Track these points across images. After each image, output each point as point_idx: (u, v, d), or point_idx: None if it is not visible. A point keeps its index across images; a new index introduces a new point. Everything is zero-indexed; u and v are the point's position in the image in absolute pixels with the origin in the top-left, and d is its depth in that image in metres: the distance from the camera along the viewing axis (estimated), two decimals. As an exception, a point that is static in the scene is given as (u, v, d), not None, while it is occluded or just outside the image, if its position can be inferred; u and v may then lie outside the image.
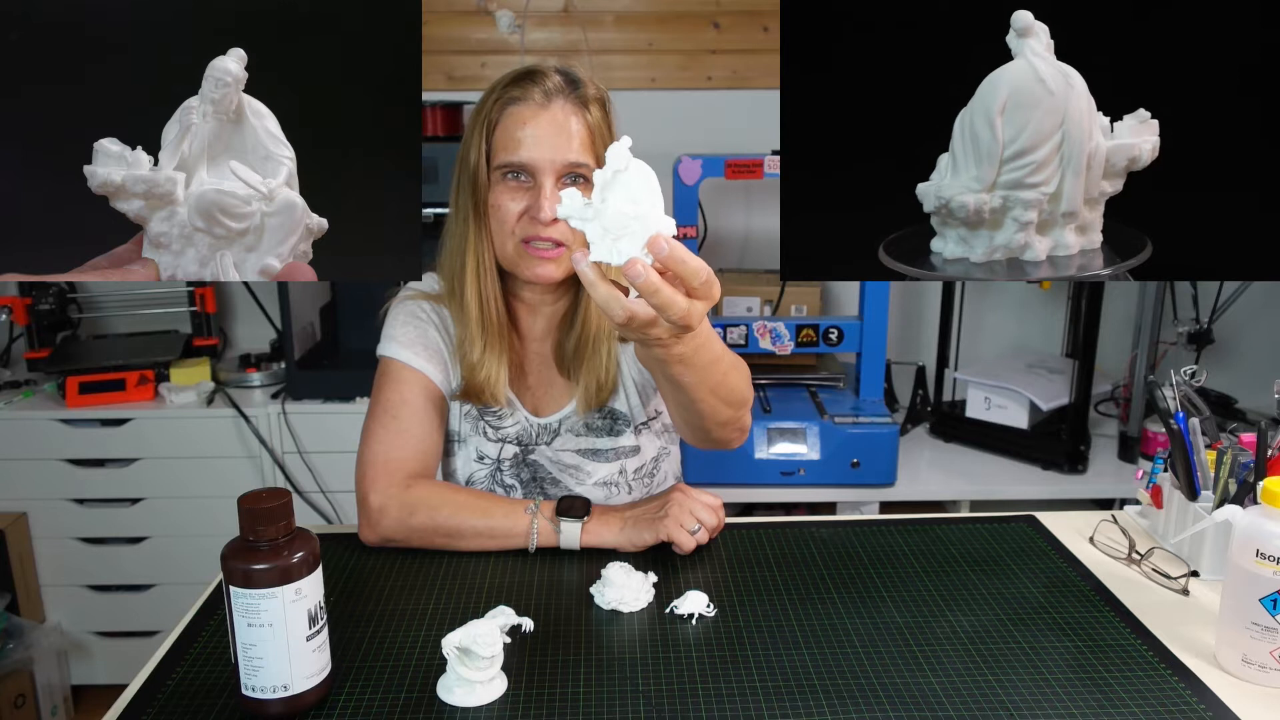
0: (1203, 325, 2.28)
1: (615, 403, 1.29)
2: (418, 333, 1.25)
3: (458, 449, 1.29)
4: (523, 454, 1.29)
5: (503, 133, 1.16)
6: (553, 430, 1.29)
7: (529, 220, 1.16)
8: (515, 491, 1.29)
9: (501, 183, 1.17)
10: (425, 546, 1.16)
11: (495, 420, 1.28)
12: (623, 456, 1.30)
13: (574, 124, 1.15)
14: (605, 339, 1.25)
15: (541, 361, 1.30)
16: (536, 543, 1.14)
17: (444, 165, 2.00)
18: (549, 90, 1.15)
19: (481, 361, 1.23)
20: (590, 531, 1.13)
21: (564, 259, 1.18)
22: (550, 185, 1.14)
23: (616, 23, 2.42)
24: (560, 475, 1.29)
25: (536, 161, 1.14)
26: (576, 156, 1.15)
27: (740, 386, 1.12)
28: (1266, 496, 0.91)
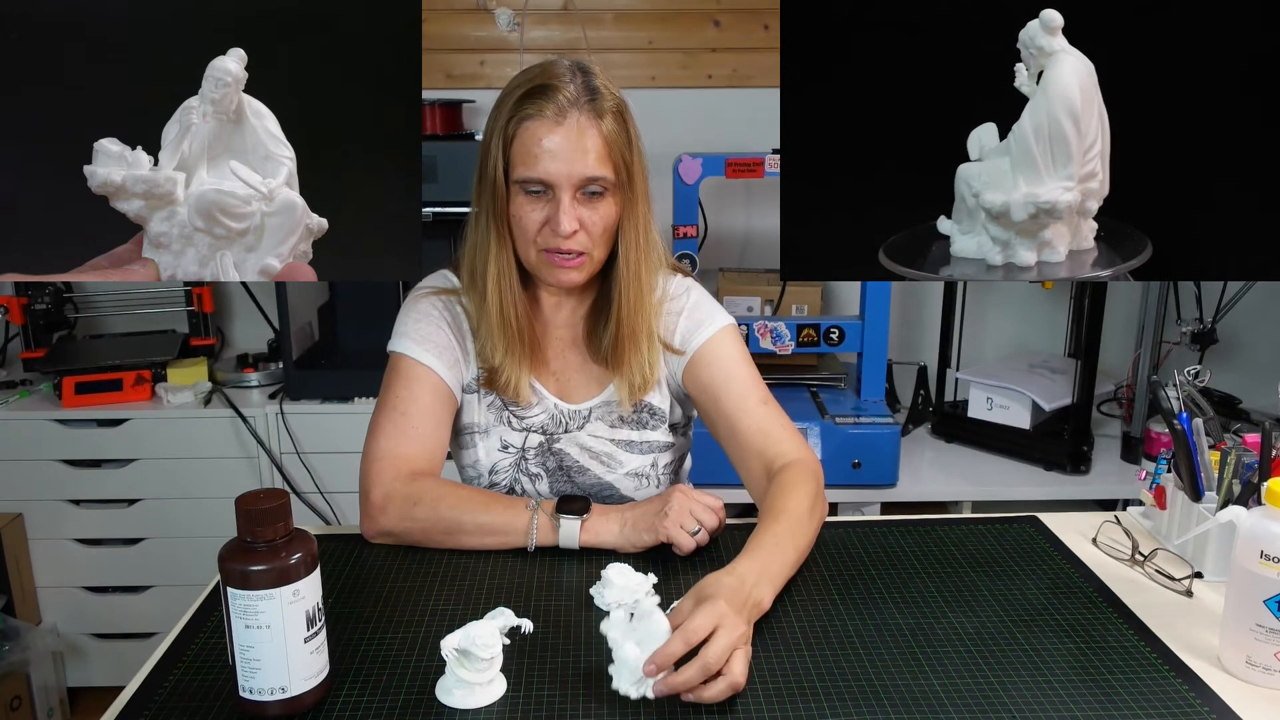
0: (1206, 325, 2.27)
1: (652, 398, 1.30)
2: (429, 330, 1.25)
3: (479, 440, 1.29)
4: (547, 443, 1.29)
5: (520, 147, 1.15)
6: (584, 416, 1.29)
7: (549, 232, 1.16)
8: (540, 480, 1.29)
9: (521, 195, 1.17)
10: (425, 543, 1.16)
11: (520, 410, 1.28)
12: (655, 450, 1.31)
13: (590, 137, 1.14)
14: (644, 333, 1.26)
15: (565, 346, 1.30)
16: (536, 540, 1.13)
17: (444, 164, 2.00)
18: (563, 105, 1.13)
19: (504, 366, 1.23)
20: (589, 530, 1.13)
21: (584, 265, 1.19)
22: (568, 199, 1.14)
23: (616, 21, 2.42)
24: (589, 463, 1.29)
25: (554, 176, 1.14)
26: (593, 170, 1.14)
27: (818, 525, 1.15)
28: (1271, 497, 0.90)
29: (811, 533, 1.12)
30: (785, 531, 1.07)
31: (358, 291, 2.32)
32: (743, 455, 1.24)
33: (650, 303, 1.26)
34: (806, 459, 1.20)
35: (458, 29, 2.41)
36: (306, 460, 2.13)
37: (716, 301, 1.33)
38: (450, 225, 1.99)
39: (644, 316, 1.24)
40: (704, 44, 2.43)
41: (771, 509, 1.11)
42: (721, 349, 1.27)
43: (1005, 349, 2.58)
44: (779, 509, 1.10)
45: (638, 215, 1.20)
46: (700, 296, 1.32)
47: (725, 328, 1.29)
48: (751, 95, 2.44)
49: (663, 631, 0.87)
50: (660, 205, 1.32)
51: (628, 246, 1.21)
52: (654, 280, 1.26)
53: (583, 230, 1.16)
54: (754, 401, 1.25)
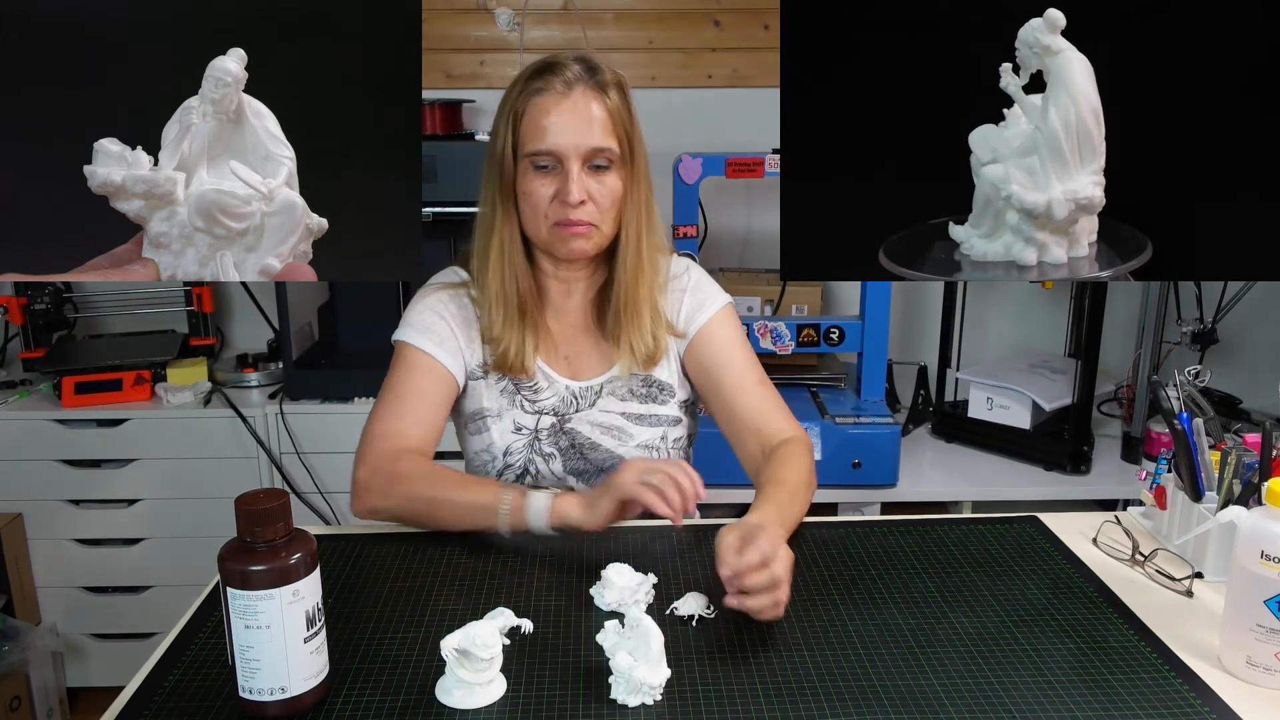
0: (1207, 325, 2.27)
1: (660, 373, 1.33)
2: (430, 320, 1.29)
3: (493, 423, 1.31)
4: (560, 423, 1.31)
5: (529, 122, 1.20)
6: (595, 392, 1.32)
7: (559, 204, 1.21)
8: (554, 460, 1.31)
9: (530, 170, 1.21)
10: (407, 520, 1.20)
11: (532, 393, 1.31)
12: (665, 424, 1.33)
13: (595, 109, 1.20)
14: (647, 304, 1.30)
15: (575, 332, 1.34)
16: (509, 521, 1.14)
17: (444, 164, 2.00)
18: (569, 79, 1.20)
19: (502, 335, 1.27)
20: (556, 511, 1.13)
21: (594, 235, 1.23)
22: (576, 169, 1.20)
23: (616, 20, 2.42)
24: (600, 439, 1.31)
25: (562, 148, 1.19)
26: (599, 141, 1.20)
27: (811, 497, 1.23)
28: (1271, 498, 0.90)
29: (807, 502, 1.21)
30: (788, 498, 1.16)
31: (358, 291, 2.32)
32: (739, 433, 1.31)
33: (651, 275, 1.30)
34: (801, 436, 1.29)
35: (458, 29, 2.41)
36: (306, 460, 2.13)
37: (714, 280, 1.38)
38: (450, 225, 1.99)
39: (645, 287, 1.29)
40: (704, 44, 2.43)
41: (774, 478, 1.19)
42: (722, 330, 1.34)
43: (1005, 349, 2.58)
44: (780, 478, 1.18)
45: (640, 193, 1.26)
46: (700, 276, 1.38)
47: (724, 307, 1.35)
48: (751, 95, 2.44)
49: (654, 638, 0.87)
50: (660, 205, 1.33)
51: (629, 221, 1.26)
52: (656, 258, 1.31)
53: (591, 202, 1.21)
54: (751, 382, 1.32)
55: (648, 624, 0.88)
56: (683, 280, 1.36)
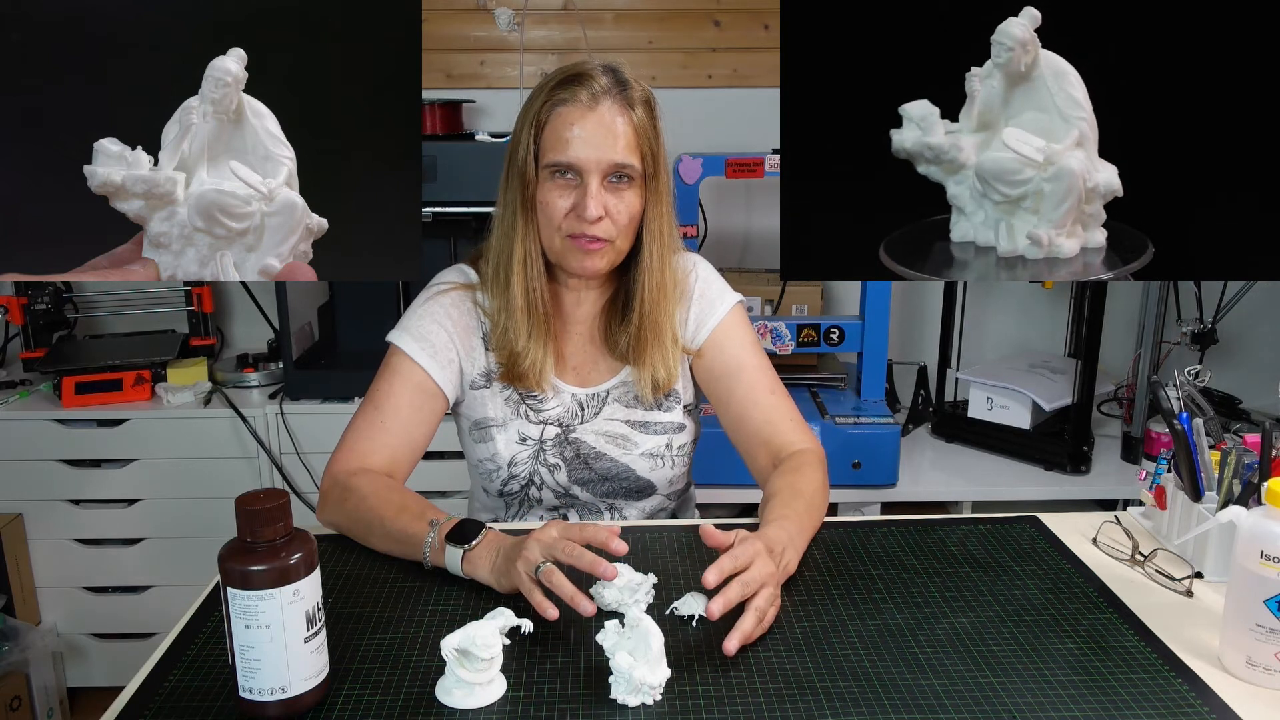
0: (1206, 325, 2.27)
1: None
2: (428, 327, 1.26)
3: (497, 433, 1.29)
4: (564, 434, 1.30)
5: (551, 132, 1.18)
6: (600, 399, 1.31)
7: (575, 218, 1.18)
8: (559, 470, 1.30)
9: (549, 180, 1.19)
10: (354, 537, 1.17)
11: (537, 404, 1.29)
12: (669, 431, 1.32)
13: (620, 125, 1.17)
14: (667, 328, 1.27)
15: (584, 340, 1.32)
16: (430, 560, 1.08)
17: (444, 164, 2.00)
18: (596, 92, 1.17)
19: (527, 350, 1.24)
20: (470, 560, 1.06)
21: (608, 252, 1.21)
22: (595, 184, 1.17)
23: (616, 20, 2.42)
24: (606, 448, 1.30)
25: (583, 161, 1.16)
26: (621, 157, 1.17)
27: (825, 508, 1.21)
28: (1271, 498, 0.90)
29: (822, 513, 1.18)
30: (804, 509, 1.14)
31: (358, 291, 2.32)
32: (749, 444, 1.29)
33: (673, 298, 1.28)
34: (814, 447, 1.27)
35: (458, 29, 2.41)
36: (306, 460, 2.13)
37: (722, 278, 1.36)
38: (450, 225, 1.99)
39: (667, 311, 1.27)
40: (704, 44, 2.43)
41: (788, 488, 1.17)
42: (731, 335, 1.31)
43: (1005, 349, 2.58)
44: (796, 489, 1.17)
45: (662, 210, 1.23)
46: (706, 274, 1.35)
47: (733, 308, 1.33)
48: (752, 95, 2.44)
49: (654, 638, 0.87)
50: (661, 205, 1.33)
51: (651, 239, 1.23)
52: (678, 278, 1.29)
53: (608, 218, 1.18)
54: (762, 392, 1.30)
55: (648, 624, 0.88)
56: (689, 283, 1.32)
